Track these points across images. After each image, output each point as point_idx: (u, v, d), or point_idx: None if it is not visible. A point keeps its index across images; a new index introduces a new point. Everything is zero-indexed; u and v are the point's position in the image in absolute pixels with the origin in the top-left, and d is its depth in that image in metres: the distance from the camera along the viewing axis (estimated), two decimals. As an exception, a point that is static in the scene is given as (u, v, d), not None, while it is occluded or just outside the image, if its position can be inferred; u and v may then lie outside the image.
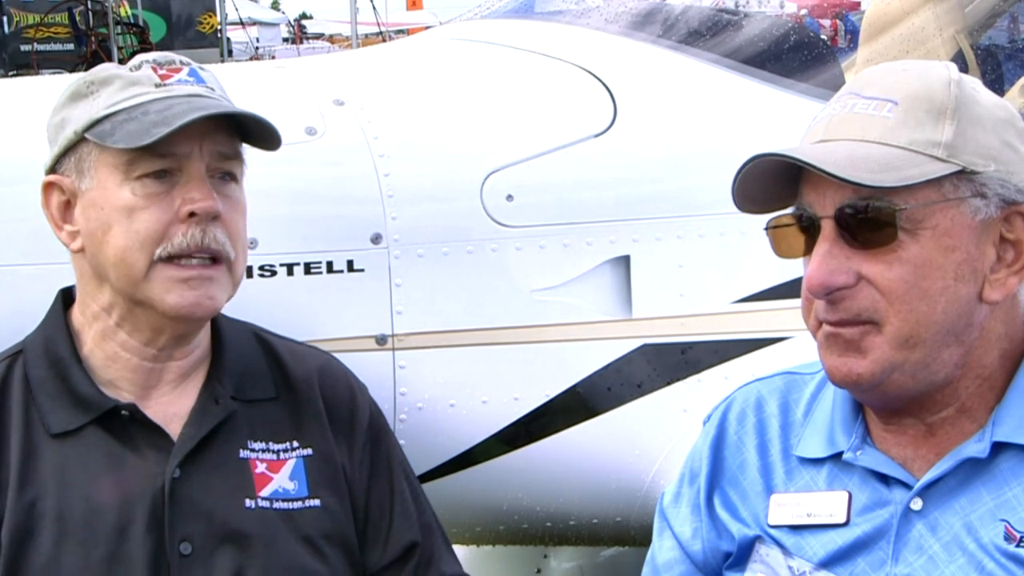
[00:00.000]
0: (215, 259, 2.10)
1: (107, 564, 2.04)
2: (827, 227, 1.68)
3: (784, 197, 1.75)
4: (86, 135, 2.09)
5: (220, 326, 2.23)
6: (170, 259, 2.07)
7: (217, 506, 2.09)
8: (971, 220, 1.67)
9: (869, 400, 1.77)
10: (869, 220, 1.65)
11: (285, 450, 2.19)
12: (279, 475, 2.16)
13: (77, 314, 2.18)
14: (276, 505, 2.13)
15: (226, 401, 2.17)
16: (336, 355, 2.41)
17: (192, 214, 2.07)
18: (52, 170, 2.15)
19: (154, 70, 2.13)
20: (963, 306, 1.68)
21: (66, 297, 2.22)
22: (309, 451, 2.19)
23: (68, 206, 2.14)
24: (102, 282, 2.12)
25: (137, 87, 2.11)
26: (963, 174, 1.66)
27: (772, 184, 1.73)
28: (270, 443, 2.18)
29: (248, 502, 2.12)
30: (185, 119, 2.04)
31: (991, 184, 1.67)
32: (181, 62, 2.17)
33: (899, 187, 1.64)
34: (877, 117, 1.68)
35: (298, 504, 2.15)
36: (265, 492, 2.14)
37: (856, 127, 1.70)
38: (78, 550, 2.04)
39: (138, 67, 2.14)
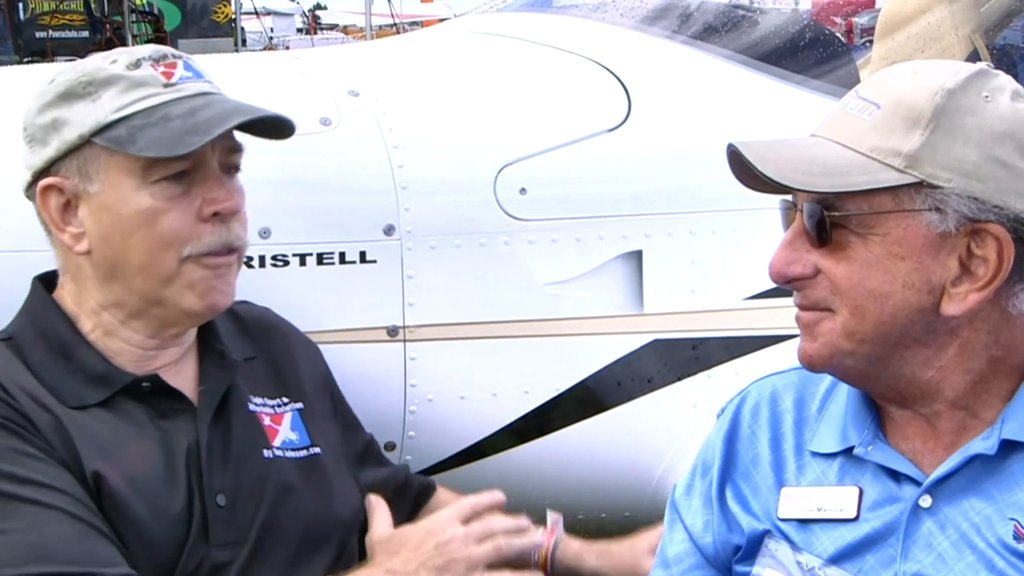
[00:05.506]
0: (230, 250, 2.14)
1: (157, 523, 2.06)
2: (798, 219, 1.71)
3: None
4: (94, 139, 2.06)
5: None
6: (194, 258, 2.09)
7: (242, 458, 2.16)
8: (927, 232, 1.64)
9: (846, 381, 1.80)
10: (821, 220, 1.67)
11: (279, 405, 2.27)
12: (282, 427, 2.25)
13: (68, 301, 2.18)
14: (288, 454, 2.22)
15: (229, 358, 2.24)
16: (347, 346, 2.45)
17: (216, 213, 2.09)
18: (46, 171, 2.10)
19: (154, 67, 2.10)
20: (915, 314, 1.67)
21: (44, 283, 2.21)
22: (300, 404, 2.29)
23: (68, 207, 2.11)
24: (111, 281, 2.12)
25: (144, 88, 2.08)
26: (922, 186, 1.63)
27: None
28: (266, 399, 2.26)
29: (266, 452, 2.19)
30: (223, 127, 2.05)
31: (951, 200, 1.63)
32: (173, 55, 2.14)
33: (848, 192, 1.64)
34: (857, 119, 1.68)
35: (303, 452, 2.24)
36: (276, 442, 2.22)
37: (837, 126, 1.70)
38: (136, 514, 2.06)
39: (136, 65, 2.10)
